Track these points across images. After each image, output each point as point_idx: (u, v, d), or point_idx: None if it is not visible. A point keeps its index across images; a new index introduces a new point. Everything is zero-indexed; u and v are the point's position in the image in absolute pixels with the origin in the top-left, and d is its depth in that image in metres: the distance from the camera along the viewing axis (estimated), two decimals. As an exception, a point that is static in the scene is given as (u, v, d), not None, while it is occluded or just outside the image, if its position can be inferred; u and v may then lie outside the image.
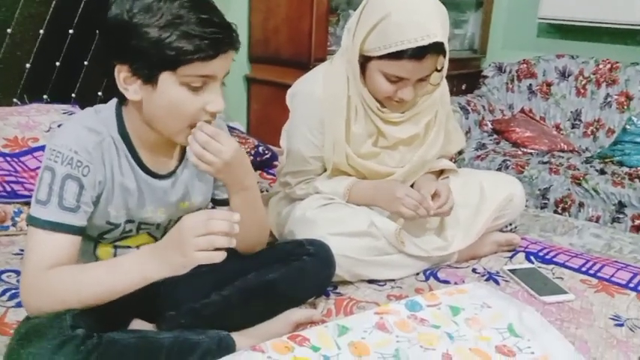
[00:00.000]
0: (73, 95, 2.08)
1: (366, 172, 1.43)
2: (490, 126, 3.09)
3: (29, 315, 0.92)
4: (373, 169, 1.42)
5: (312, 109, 1.36)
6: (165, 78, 0.90)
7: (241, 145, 2.13)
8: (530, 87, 3.17)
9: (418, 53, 1.21)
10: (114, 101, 1.02)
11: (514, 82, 3.22)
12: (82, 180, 0.93)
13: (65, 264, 0.92)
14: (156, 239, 1.12)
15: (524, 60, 3.20)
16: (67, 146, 0.93)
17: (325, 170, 1.45)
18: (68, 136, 0.95)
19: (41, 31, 1.94)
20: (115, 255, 1.08)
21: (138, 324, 1.07)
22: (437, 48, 1.23)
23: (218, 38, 0.89)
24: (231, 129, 2.30)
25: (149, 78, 0.91)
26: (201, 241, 0.84)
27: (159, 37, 0.87)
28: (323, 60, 2.40)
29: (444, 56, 1.28)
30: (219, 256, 0.85)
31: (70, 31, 2.01)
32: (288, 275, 1.14)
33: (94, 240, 1.06)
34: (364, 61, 1.31)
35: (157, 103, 0.93)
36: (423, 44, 1.19)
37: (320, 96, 1.35)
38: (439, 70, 1.32)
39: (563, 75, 3.09)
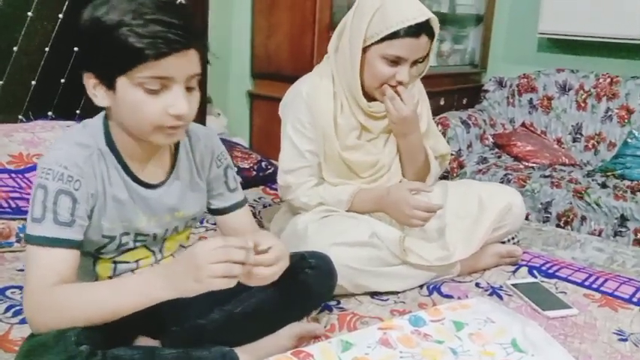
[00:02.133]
0: (78, 112, 2.09)
1: (354, 165, 1.49)
2: (491, 140, 3.11)
3: (33, 332, 0.92)
4: (359, 160, 1.49)
5: (302, 105, 1.45)
6: (122, 82, 0.91)
7: (243, 161, 2.15)
8: (530, 101, 3.18)
9: (415, 30, 1.36)
10: (102, 114, 1.03)
11: (515, 96, 3.24)
12: (75, 194, 0.94)
13: (67, 279, 0.92)
14: (154, 253, 1.12)
15: (524, 74, 3.23)
16: (57, 162, 0.94)
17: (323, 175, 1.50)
18: (57, 152, 0.96)
19: (46, 49, 1.97)
20: (114, 270, 1.09)
21: (142, 340, 1.07)
22: (428, 29, 1.38)
23: (167, 37, 0.88)
24: (234, 144, 2.32)
25: (109, 83, 0.93)
26: (218, 268, 0.84)
27: (111, 37, 0.88)
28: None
29: (432, 41, 1.42)
30: (234, 282, 0.86)
31: (75, 49, 2.03)
32: (291, 288, 1.14)
33: (92, 256, 1.06)
34: (362, 53, 1.42)
35: (120, 107, 0.94)
36: (419, 21, 1.36)
37: (308, 91, 1.46)
38: (421, 62, 1.44)
39: (564, 89, 3.11)
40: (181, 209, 1.10)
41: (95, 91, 0.95)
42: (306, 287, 1.17)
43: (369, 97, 1.47)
